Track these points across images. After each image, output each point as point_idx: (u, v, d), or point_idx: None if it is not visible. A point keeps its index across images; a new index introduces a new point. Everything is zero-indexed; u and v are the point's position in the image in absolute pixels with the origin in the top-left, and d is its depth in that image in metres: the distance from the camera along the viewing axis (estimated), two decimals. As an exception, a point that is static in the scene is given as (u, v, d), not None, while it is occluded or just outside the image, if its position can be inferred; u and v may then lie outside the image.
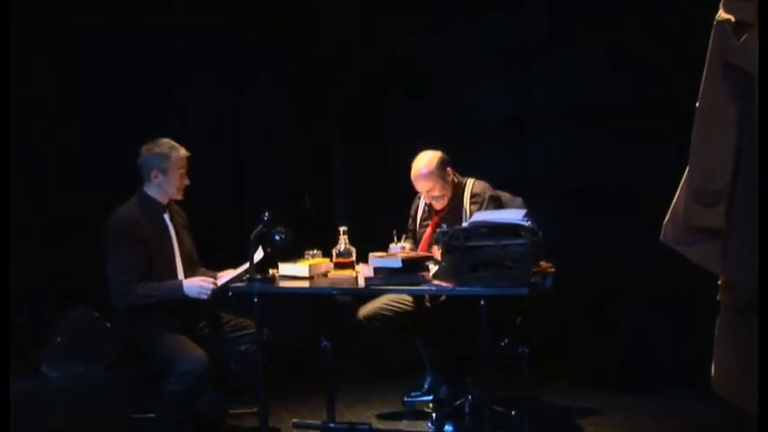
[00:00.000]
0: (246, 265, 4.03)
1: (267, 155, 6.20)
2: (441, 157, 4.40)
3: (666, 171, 5.02)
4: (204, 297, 4.02)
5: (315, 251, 4.32)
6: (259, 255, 4.08)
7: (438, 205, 4.46)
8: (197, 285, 4.03)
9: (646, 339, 5.23)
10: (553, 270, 3.94)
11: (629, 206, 5.28)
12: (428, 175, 4.36)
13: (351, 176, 6.35)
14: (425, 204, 4.57)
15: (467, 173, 4.54)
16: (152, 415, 4.02)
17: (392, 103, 6.11)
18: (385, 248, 4.23)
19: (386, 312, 4.38)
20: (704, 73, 2.79)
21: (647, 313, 5.25)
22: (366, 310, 4.40)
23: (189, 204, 4.35)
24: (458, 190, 4.44)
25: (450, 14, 5.79)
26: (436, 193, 4.39)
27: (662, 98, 5.15)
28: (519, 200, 4.39)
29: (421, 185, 4.40)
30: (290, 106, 6.26)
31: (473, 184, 4.47)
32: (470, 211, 4.33)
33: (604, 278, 5.27)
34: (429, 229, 4.45)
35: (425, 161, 4.39)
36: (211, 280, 4.08)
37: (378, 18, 5.99)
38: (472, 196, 4.40)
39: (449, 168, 4.42)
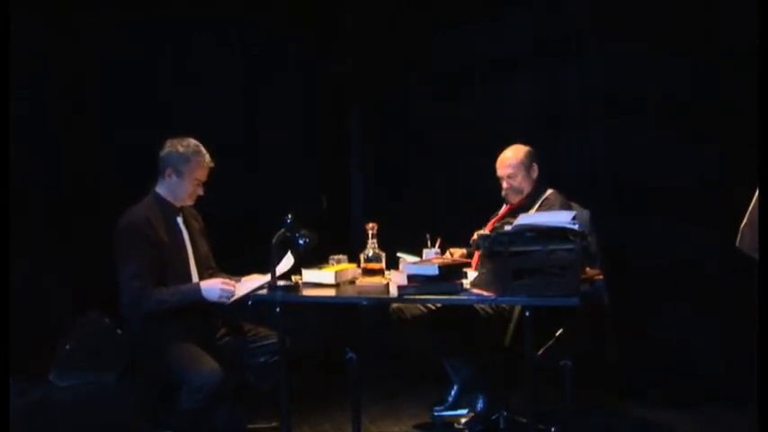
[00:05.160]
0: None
1: (283, 153, 5.97)
2: (530, 150, 4.40)
3: (716, 171, 4.91)
4: (225, 301, 3.76)
5: (340, 256, 4.07)
6: (289, 262, 3.81)
7: (514, 199, 4.34)
8: (217, 288, 3.77)
9: (692, 351, 4.98)
10: (601, 277, 3.63)
11: (673, 207, 5.05)
12: (513, 164, 4.34)
13: (370, 176, 6.14)
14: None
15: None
16: None
17: (415, 99, 5.88)
18: (409, 250, 4.03)
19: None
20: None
21: (693, 322, 4.99)
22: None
23: (203, 206, 4.14)
24: (535, 194, 4.31)
25: (480, 6, 5.55)
26: (516, 182, 4.33)
27: (710, 94, 4.91)
28: (587, 213, 4.17)
29: (503, 170, 4.37)
30: (307, 103, 6.04)
31: (550, 192, 4.33)
32: None
33: (648, 284, 5.01)
34: (490, 224, 4.27)
35: (514, 150, 4.41)
36: (232, 282, 3.82)
37: (402, 11, 5.76)
38: (543, 201, 4.26)
39: (535, 165, 4.35)
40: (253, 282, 3.85)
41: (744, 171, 4.44)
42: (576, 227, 3.30)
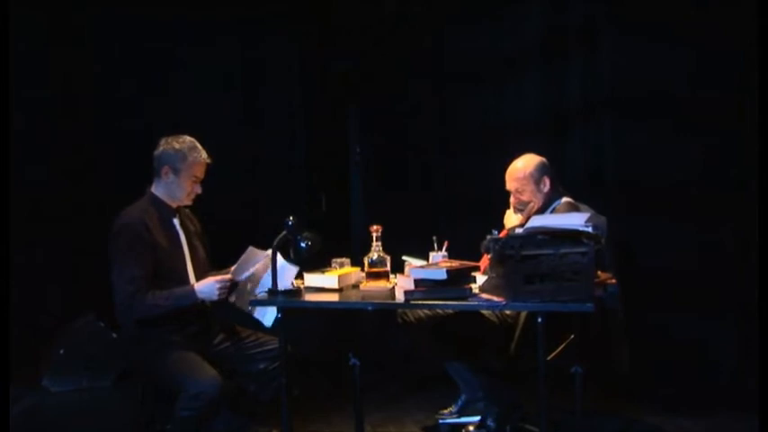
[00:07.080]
0: (266, 257, 3.70)
1: (284, 153, 5.94)
2: (541, 162, 4.14)
3: (716, 171, 4.87)
4: (224, 295, 3.69)
5: (343, 259, 3.99)
6: (292, 271, 3.74)
7: (523, 213, 4.14)
8: (214, 286, 3.67)
9: (705, 356, 4.94)
10: (614, 281, 3.55)
11: (673, 207, 5.01)
12: (522, 178, 4.11)
13: (370, 176, 6.06)
14: None
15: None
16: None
17: (415, 99, 5.82)
18: (409, 251, 3.94)
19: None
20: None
21: (705, 327, 4.95)
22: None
23: (203, 207, 4.06)
24: (548, 204, 4.12)
25: (482, 6, 5.50)
26: (524, 197, 4.10)
27: (711, 95, 4.87)
28: (603, 219, 3.94)
29: (511, 184, 4.15)
30: (307, 103, 6.00)
31: (561, 202, 4.12)
32: None
33: (649, 284, 4.95)
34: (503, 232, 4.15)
35: (524, 161, 4.15)
36: (227, 276, 3.73)
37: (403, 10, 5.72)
38: (551, 211, 4.09)
39: (546, 178, 4.11)
40: (248, 263, 3.78)
41: (744, 171, 4.43)
42: (589, 229, 3.23)
